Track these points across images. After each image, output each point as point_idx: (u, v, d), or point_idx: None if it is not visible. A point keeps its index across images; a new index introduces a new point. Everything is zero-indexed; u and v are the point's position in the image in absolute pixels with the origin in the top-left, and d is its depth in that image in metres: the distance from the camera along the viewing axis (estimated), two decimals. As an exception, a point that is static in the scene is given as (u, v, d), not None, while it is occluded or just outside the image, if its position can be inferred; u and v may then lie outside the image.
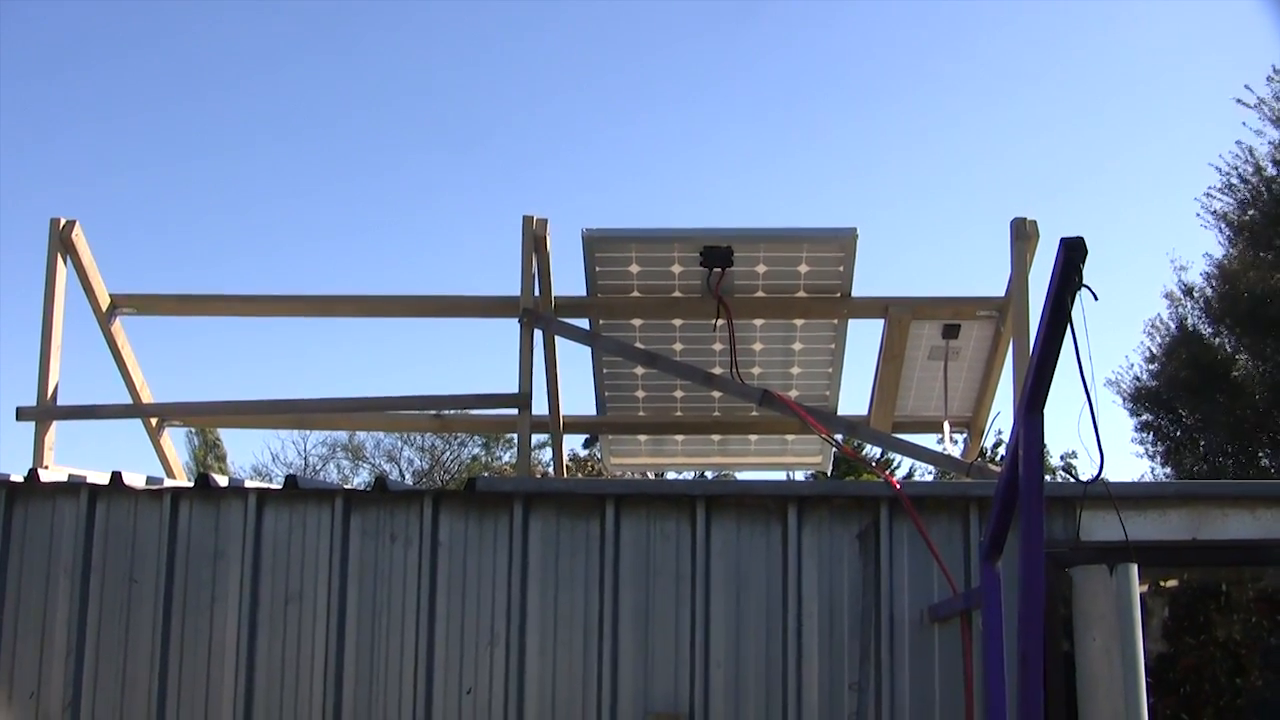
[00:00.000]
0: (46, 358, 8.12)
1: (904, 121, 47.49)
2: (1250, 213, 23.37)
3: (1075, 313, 4.89)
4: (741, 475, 11.11)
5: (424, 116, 48.61)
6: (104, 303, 8.55)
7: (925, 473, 27.64)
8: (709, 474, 20.08)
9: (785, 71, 47.84)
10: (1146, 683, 5.50)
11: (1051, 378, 5.06)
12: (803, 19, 45.68)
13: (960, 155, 46.70)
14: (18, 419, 8.06)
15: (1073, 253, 4.80)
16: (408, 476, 34.09)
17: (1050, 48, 44.91)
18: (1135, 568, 5.56)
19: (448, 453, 35.07)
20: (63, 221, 8.21)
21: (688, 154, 48.78)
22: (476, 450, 34.87)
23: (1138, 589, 5.55)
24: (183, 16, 44.98)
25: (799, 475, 18.29)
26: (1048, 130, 45.74)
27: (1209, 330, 23.89)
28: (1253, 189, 23.55)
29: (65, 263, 8.25)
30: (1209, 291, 24.00)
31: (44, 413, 8.07)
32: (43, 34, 43.54)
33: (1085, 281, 4.79)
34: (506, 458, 33.71)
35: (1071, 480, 7.92)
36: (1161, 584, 8.85)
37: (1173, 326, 24.55)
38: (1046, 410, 5.14)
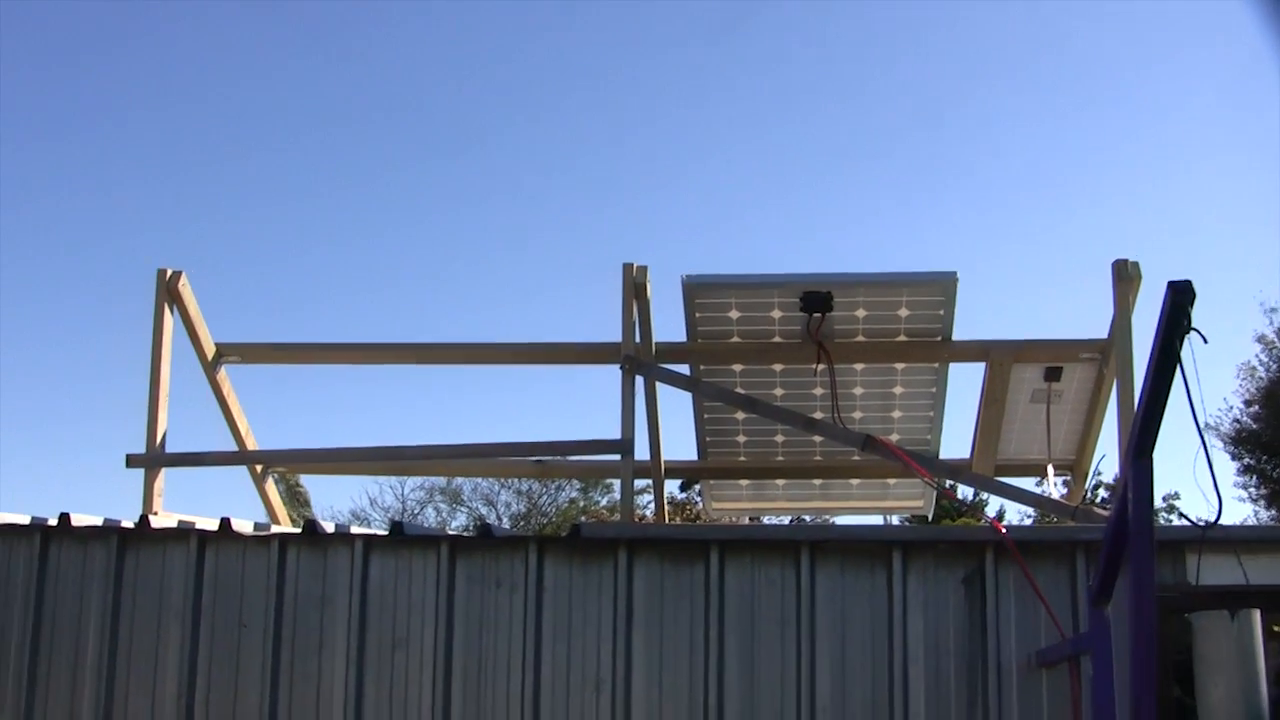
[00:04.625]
0: (155, 406, 8.25)
1: (1004, 164, 47.13)
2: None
3: (1184, 356, 4.84)
4: (842, 519, 11.08)
5: (487, 167, 49.12)
6: (209, 352, 8.68)
7: (1020, 515, 27.33)
8: (807, 518, 20.08)
9: (877, 112, 47.73)
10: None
11: (1160, 422, 5.00)
12: (903, 55, 45.54)
13: (1062, 197, 46.23)
14: (128, 466, 8.16)
15: (1180, 296, 4.76)
16: (505, 520, 34.23)
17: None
18: (1258, 613, 5.46)
19: (544, 496, 35.19)
20: (169, 272, 8.36)
21: (781, 194, 48.77)
22: (574, 494, 34.94)
23: (1260, 635, 5.46)
24: (177, 18, 45.52)
25: (895, 519, 18.28)
26: (1148, 174, 45.18)
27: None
28: None
29: (172, 312, 8.39)
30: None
31: (153, 460, 8.19)
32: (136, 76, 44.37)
33: (1194, 325, 4.74)
34: (603, 501, 33.76)
35: (1183, 524, 7.81)
36: (1275, 629, 8.67)
37: (1273, 368, 24.04)
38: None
